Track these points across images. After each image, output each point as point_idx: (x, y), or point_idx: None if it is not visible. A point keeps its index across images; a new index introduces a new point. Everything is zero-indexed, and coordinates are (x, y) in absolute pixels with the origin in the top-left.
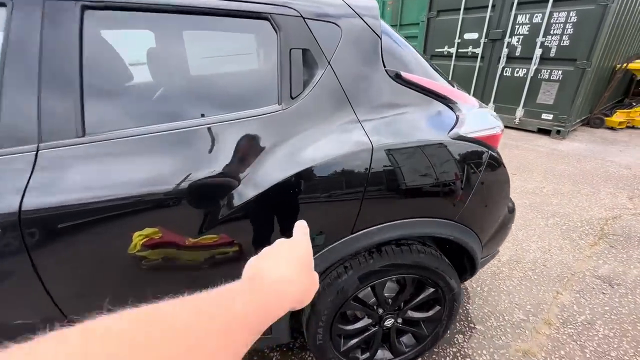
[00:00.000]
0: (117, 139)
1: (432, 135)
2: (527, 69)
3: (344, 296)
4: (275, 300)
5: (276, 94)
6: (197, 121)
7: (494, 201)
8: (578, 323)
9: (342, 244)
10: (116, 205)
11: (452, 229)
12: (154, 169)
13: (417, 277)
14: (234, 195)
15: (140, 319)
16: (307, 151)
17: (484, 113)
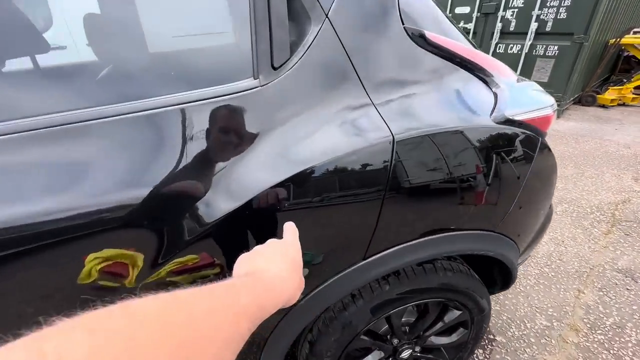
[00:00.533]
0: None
1: (471, 120)
2: (521, 44)
3: (351, 333)
4: (271, 296)
5: (250, 64)
6: (132, 105)
7: (540, 199)
8: (607, 327)
9: (348, 275)
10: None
11: (491, 243)
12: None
13: (443, 300)
14: (199, 212)
15: (167, 303)
16: (300, 147)
17: (527, 88)
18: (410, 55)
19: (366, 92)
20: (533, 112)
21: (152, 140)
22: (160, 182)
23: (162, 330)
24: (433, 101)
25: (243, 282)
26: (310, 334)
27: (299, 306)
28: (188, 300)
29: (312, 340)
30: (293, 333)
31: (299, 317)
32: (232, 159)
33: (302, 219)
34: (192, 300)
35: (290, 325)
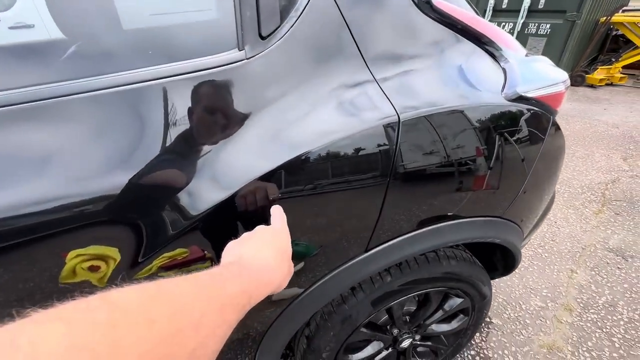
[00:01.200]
0: None
1: (481, 98)
2: (513, 22)
3: (351, 326)
4: (259, 284)
5: (234, 34)
6: (100, 81)
7: (547, 182)
8: (600, 306)
9: (349, 268)
10: None
11: (498, 229)
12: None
13: (445, 289)
14: (181, 204)
15: (153, 294)
16: (294, 129)
17: (537, 63)
18: (416, 24)
19: (367, 66)
20: (545, 89)
21: (123, 121)
22: (138, 170)
23: (144, 320)
24: (440, 76)
25: (230, 271)
26: (308, 329)
27: (298, 301)
28: (171, 289)
29: (309, 335)
30: (291, 329)
31: (298, 312)
32: (219, 143)
33: (298, 209)
34: (176, 290)
35: (289, 321)
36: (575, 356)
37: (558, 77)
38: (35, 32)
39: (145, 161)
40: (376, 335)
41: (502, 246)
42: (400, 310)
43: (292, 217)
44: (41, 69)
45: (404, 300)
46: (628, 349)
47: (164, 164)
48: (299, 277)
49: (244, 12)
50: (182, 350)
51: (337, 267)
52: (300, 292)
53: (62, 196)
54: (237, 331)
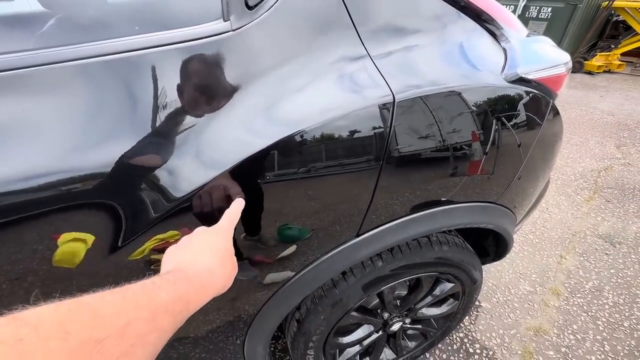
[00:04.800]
0: None
1: (481, 77)
2: (515, 5)
3: (342, 310)
4: (198, 291)
5: (219, 2)
6: (74, 50)
7: (543, 167)
8: (586, 291)
9: (340, 253)
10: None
11: (491, 215)
12: None
13: (437, 274)
14: (166, 185)
15: (72, 308)
16: (284, 108)
17: (539, 43)
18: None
19: (361, 41)
20: (546, 71)
21: (102, 95)
22: (119, 148)
23: (57, 332)
24: (438, 55)
25: (164, 279)
26: (298, 312)
27: (289, 284)
28: (93, 302)
29: (300, 319)
30: (282, 312)
31: (288, 295)
32: (204, 117)
33: (287, 192)
34: (99, 302)
35: (280, 304)
36: (561, 338)
37: (560, 59)
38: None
39: (126, 138)
40: (367, 319)
41: (494, 232)
42: (392, 294)
43: (283, 199)
44: (20, 39)
45: (395, 285)
46: (611, 332)
47: (145, 141)
48: (291, 260)
49: None
50: (105, 358)
51: (329, 252)
52: (291, 276)
53: (40, 174)
54: (228, 314)
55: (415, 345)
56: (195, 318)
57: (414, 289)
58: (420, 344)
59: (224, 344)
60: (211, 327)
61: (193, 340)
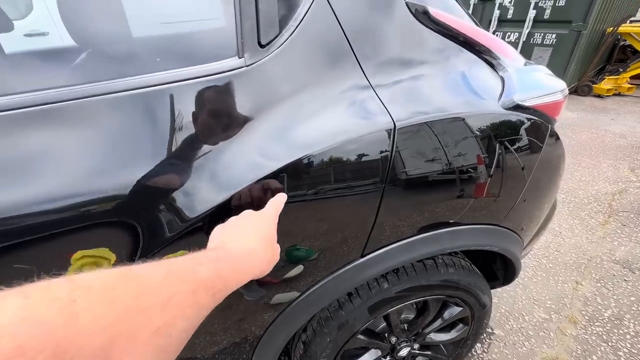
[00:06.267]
0: None
1: (478, 106)
2: (519, 32)
3: (348, 333)
4: (237, 271)
5: (234, 42)
6: (105, 86)
7: (547, 192)
8: (605, 319)
9: (344, 274)
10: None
11: (496, 237)
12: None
13: (444, 297)
14: (181, 204)
15: (121, 276)
16: (291, 135)
17: (535, 72)
18: (413, 33)
19: (364, 74)
20: (543, 98)
21: (127, 125)
22: (141, 172)
23: (106, 298)
24: (437, 84)
25: (206, 256)
26: (305, 334)
27: (294, 304)
28: (141, 272)
29: (306, 341)
30: (288, 332)
31: (294, 316)
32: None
33: (294, 213)
34: (146, 272)
35: (285, 325)
36: None
37: (556, 86)
38: (49, 40)
39: (148, 163)
40: (374, 343)
41: (501, 255)
42: (398, 317)
43: (292, 220)
44: (53, 74)
45: (402, 308)
46: None
47: (166, 165)
48: (296, 280)
49: (244, 21)
50: (146, 328)
51: (334, 271)
52: (297, 295)
53: (69, 195)
54: (235, 334)
55: None
56: (202, 339)
57: (422, 313)
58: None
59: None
60: (218, 348)
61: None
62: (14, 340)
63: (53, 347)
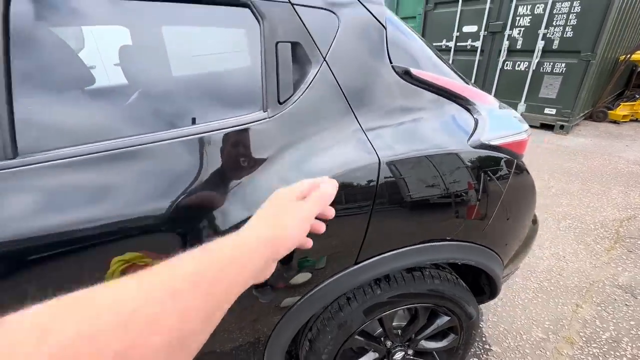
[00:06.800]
0: (54, 160)
1: (450, 144)
2: (528, 62)
3: (347, 332)
4: (277, 254)
5: (260, 99)
6: (165, 134)
7: (519, 216)
8: (603, 341)
9: (343, 276)
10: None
11: (472, 253)
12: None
13: (432, 305)
14: (215, 221)
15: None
16: (303, 166)
17: (506, 115)
18: (397, 89)
19: (358, 121)
20: (509, 137)
21: (181, 161)
22: (183, 196)
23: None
24: (418, 129)
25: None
26: (310, 333)
27: (298, 305)
28: (217, 249)
29: (311, 339)
30: (293, 329)
31: (298, 314)
32: (245, 177)
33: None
34: (224, 251)
35: (291, 322)
36: None
37: (521, 127)
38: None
39: (191, 190)
40: (371, 345)
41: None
42: (391, 322)
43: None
44: (113, 109)
45: (394, 313)
46: None
47: (206, 191)
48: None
49: (268, 85)
50: (229, 300)
51: (334, 275)
52: (299, 298)
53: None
54: (248, 335)
55: None
56: (220, 336)
57: (413, 320)
58: None
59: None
60: (234, 345)
61: (218, 356)
62: None
63: None
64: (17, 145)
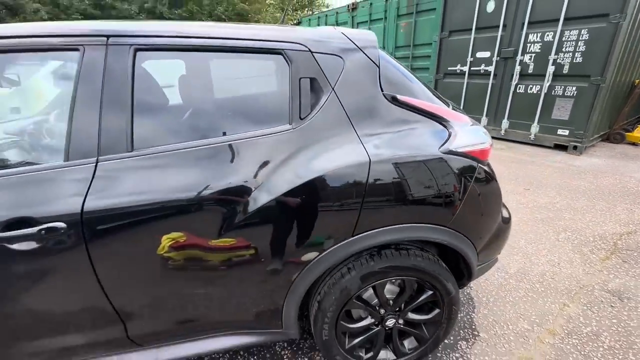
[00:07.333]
0: (155, 153)
1: (425, 150)
2: (540, 85)
3: (347, 295)
4: None
5: (287, 115)
6: (221, 138)
7: (485, 210)
8: (583, 334)
9: (345, 244)
10: (153, 209)
11: (445, 235)
12: (184, 179)
13: (416, 279)
14: (250, 201)
15: None
16: (314, 164)
17: (475, 129)
18: (386, 110)
19: (356, 132)
20: (473, 146)
21: (230, 159)
22: (227, 185)
23: None
24: (401, 138)
25: None
26: (319, 295)
27: (309, 266)
28: None
29: (319, 300)
30: (305, 284)
31: (308, 273)
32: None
33: (318, 214)
34: None
35: (303, 279)
36: None
37: (483, 139)
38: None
39: (232, 182)
40: (366, 309)
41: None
42: (383, 289)
43: (312, 217)
44: (175, 122)
45: (385, 282)
46: None
47: (241, 182)
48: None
49: (293, 106)
50: None
51: (337, 243)
52: (315, 256)
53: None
54: (278, 286)
55: (411, 349)
56: (259, 286)
57: (402, 292)
58: (416, 349)
59: (270, 305)
60: (263, 293)
61: (251, 301)
62: None
63: None
64: (133, 144)
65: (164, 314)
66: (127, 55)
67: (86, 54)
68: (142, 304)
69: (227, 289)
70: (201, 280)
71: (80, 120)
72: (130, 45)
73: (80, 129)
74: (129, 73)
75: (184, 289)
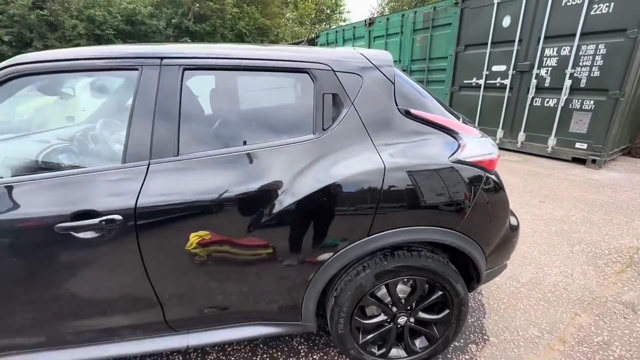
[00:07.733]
0: (197, 158)
1: (436, 159)
2: (557, 99)
3: (362, 291)
4: None
5: (312, 126)
6: (253, 145)
7: (493, 216)
8: (594, 343)
9: (361, 243)
10: (194, 206)
11: (453, 237)
12: (222, 180)
13: (426, 279)
14: (276, 203)
15: None
16: (333, 170)
17: (483, 141)
18: (400, 122)
19: (372, 142)
20: (480, 157)
21: (259, 165)
22: (259, 187)
23: None
24: (414, 148)
25: None
26: (335, 291)
27: (326, 263)
28: None
29: (336, 295)
30: (323, 280)
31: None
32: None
33: (335, 216)
34: None
35: (321, 275)
36: None
37: (491, 150)
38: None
39: (262, 184)
40: (379, 306)
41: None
42: (395, 288)
43: (329, 219)
44: (212, 131)
45: (397, 280)
46: None
47: (266, 183)
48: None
49: (317, 118)
50: None
51: (354, 242)
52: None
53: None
54: (295, 284)
55: (422, 348)
56: (282, 280)
57: (413, 291)
58: (426, 348)
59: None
60: (284, 288)
61: (273, 292)
62: None
63: None
64: (179, 149)
65: (197, 302)
66: (177, 74)
67: (144, 73)
68: (180, 292)
69: (261, 281)
70: (230, 274)
71: (137, 128)
72: (180, 65)
73: (136, 136)
74: (177, 88)
75: (215, 281)
